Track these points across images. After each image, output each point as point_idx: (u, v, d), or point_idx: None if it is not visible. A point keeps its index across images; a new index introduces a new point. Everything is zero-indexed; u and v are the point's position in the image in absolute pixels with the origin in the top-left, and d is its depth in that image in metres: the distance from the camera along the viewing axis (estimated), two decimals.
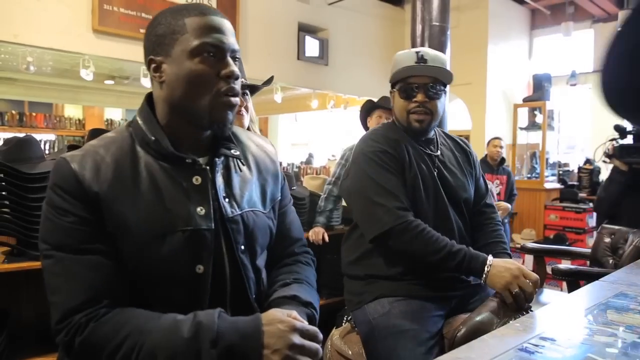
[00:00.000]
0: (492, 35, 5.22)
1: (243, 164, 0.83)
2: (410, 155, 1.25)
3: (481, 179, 1.41)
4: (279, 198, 0.89)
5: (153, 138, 0.73)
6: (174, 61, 0.72)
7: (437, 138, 1.35)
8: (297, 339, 0.66)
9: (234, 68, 0.73)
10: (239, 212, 0.78)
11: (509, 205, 2.88)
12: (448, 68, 1.27)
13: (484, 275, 1.14)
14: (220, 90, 0.72)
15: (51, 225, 0.70)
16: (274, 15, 4.55)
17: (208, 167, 0.77)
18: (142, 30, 4.36)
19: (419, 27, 3.40)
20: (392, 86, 1.31)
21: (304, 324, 0.69)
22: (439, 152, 1.32)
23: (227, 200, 0.78)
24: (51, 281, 0.69)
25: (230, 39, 0.74)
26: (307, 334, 0.68)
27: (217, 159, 0.78)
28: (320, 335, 0.71)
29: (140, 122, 0.76)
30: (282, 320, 0.67)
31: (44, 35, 3.30)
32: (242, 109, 1.33)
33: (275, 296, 0.81)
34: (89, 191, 0.69)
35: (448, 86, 1.30)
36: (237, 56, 0.76)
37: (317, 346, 0.69)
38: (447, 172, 1.30)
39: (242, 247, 0.78)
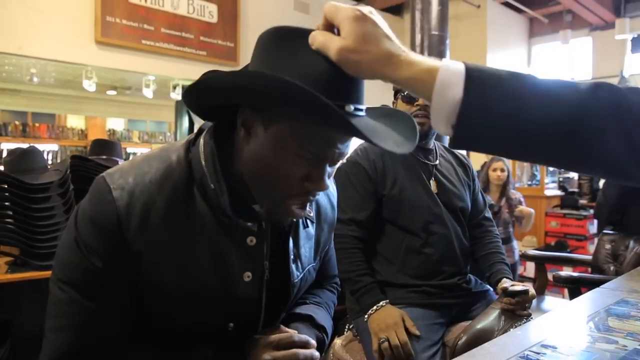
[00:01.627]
0: (490, 44, 5.26)
1: (312, 221, 0.74)
2: (397, 164, 1.27)
3: (480, 193, 1.43)
4: (328, 247, 0.83)
5: (212, 186, 0.60)
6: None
7: (436, 149, 1.38)
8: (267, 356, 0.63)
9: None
10: (301, 275, 0.72)
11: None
12: None
13: (367, 316, 1.17)
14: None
15: (74, 257, 0.59)
16: (274, 25, 4.59)
17: (263, 224, 0.66)
18: (144, 42, 4.41)
19: (418, 37, 3.43)
20: (395, 95, 1.33)
21: (281, 335, 0.65)
22: (437, 162, 1.34)
23: (294, 263, 0.69)
24: (52, 311, 0.61)
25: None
26: (282, 344, 0.64)
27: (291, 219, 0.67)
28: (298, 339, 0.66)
29: (202, 160, 0.61)
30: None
31: (48, 46, 3.35)
32: None
33: (291, 311, 0.77)
34: (131, 246, 0.58)
35: None
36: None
37: (294, 352, 0.65)
38: (445, 180, 1.32)
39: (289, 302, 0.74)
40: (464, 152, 1.50)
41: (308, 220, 0.73)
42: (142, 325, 0.63)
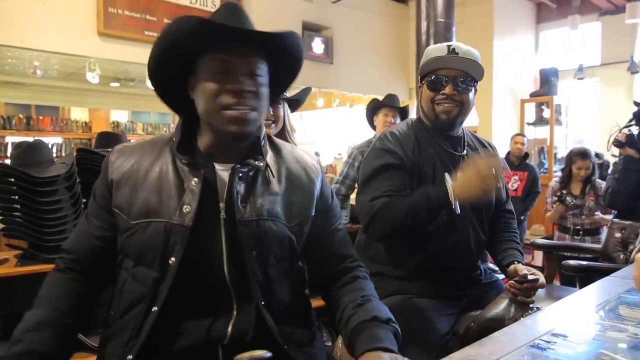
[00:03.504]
0: (497, 30, 5.18)
1: (273, 176, 0.86)
2: (429, 156, 1.21)
3: (503, 187, 1.37)
4: (312, 215, 0.89)
5: (175, 139, 0.83)
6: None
7: (464, 137, 1.30)
8: None
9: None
10: (254, 218, 0.81)
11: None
12: (480, 63, 1.22)
13: (451, 192, 1.09)
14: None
15: (93, 190, 0.88)
16: (278, 15, 4.55)
17: (219, 171, 0.83)
18: (147, 33, 4.37)
19: (424, 24, 3.38)
20: (421, 80, 1.25)
21: None
22: (465, 152, 1.27)
23: (243, 205, 0.81)
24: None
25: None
26: None
27: (238, 166, 0.82)
28: None
29: (178, 129, 0.86)
30: None
31: (50, 39, 3.33)
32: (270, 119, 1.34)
33: (356, 322, 0.81)
34: (108, 176, 0.84)
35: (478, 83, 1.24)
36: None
37: None
38: None
39: (254, 252, 0.80)
40: (490, 140, 1.45)
41: (269, 177, 0.85)
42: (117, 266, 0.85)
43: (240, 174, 0.82)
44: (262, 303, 0.81)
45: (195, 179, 0.80)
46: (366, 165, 1.24)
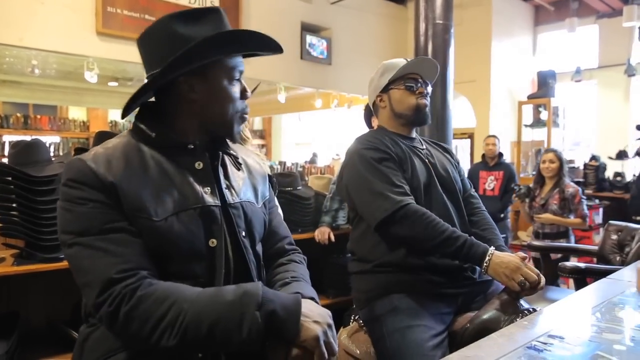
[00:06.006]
0: (495, 32, 5.19)
1: (240, 164, 0.92)
2: (404, 150, 1.31)
3: (464, 177, 1.48)
4: (268, 197, 0.98)
5: (154, 134, 0.81)
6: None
7: (419, 139, 1.43)
8: (330, 329, 0.74)
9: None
10: (239, 201, 0.87)
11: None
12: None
13: (485, 264, 1.14)
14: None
15: (71, 215, 0.73)
16: (276, 15, 4.55)
17: (207, 154, 0.85)
18: None
19: (422, 25, 3.38)
20: (385, 88, 1.38)
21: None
22: (424, 147, 1.40)
23: (227, 189, 0.86)
24: (80, 264, 0.72)
25: None
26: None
27: (219, 153, 0.87)
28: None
29: (141, 125, 0.83)
30: (319, 309, 0.75)
31: (49, 38, 3.32)
32: None
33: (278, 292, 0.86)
34: (105, 181, 0.74)
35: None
36: None
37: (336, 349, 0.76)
38: (437, 163, 1.36)
39: (244, 232, 0.85)
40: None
41: (236, 163, 0.91)
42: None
43: (218, 160, 0.87)
44: (256, 280, 0.85)
45: (199, 162, 0.83)
46: (353, 166, 1.29)
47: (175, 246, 0.76)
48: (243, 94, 0.85)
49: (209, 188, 0.82)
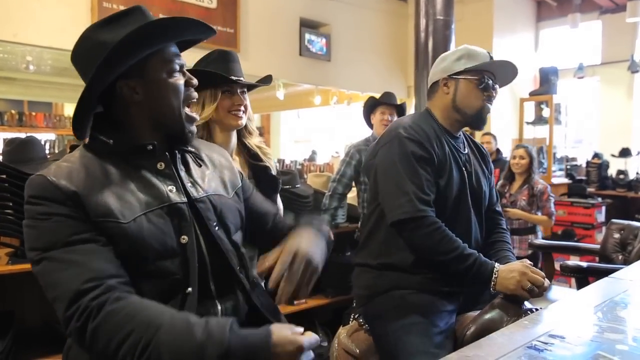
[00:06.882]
0: (497, 28, 5.16)
1: (201, 160, 0.92)
2: (446, 153, 1.25)
3: (494, 189, 1.42)
4: (240, 185, 0.98)
5: (111, 141, 0.81)
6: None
7: (463, 137, 1.36)
8: (303, 354, 0.70)
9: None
10: (205, 195, 0.87)
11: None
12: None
13: (493, 282, 1.14)
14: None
15: (35, 231, 0.74)
16: (275, 11, 4.52)
17: (167, 154, 0.85)
18: None
19: (422, 21, 3.36)
20: (456, 74, 1.27)
21: (310, 339, 0.71)
22: (466, 151, 1.33)
23: (190, 185, 0.86)
24: (48, 279, 0.71)
25: None
26: (312, 344, 0.72)
27: (176, 152, 0.87)
28: (319, 339, 0.74)
29: (98, 135, 0.83)
30: (291, 341, 0.69)
31: (44, 33, 3.29)
32: (241, 107, 1.32)
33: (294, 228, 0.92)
34: (67, 191, 0.74)
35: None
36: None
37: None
38: (473, 173, 1.31)
39: (215, 224, 0.86)
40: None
41: (197, 160, 0.91)
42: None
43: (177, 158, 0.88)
44: (237, 268, 0.86)
45: (160, 163, 0.83)
46: (390, 152, 1.23)
47: (147, 246, 0.76)
48: (188, 83, 0.85)
49: (173, 187, 0.83)
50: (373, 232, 1.29)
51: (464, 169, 1.28)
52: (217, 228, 0.85)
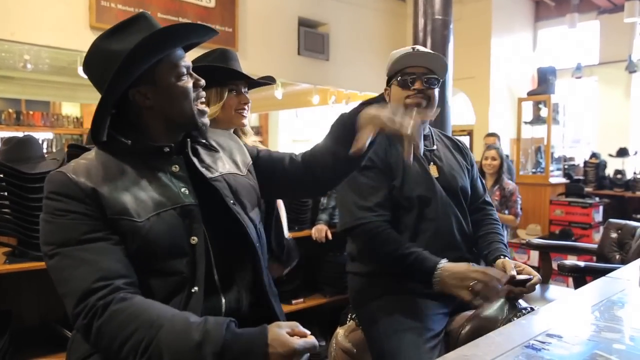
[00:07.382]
0: (495, 28, 5.17)
1: (211, 146, 0.95)
2: (396, 153, 1.26)
3: (479, 179, 1.43)
4: (251, 162, 1.01)
5: (129, 141, 0.84)
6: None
7: (432, 134, 1.38)
8: (298, 355, 0.71)
9: None
10: (218, 174, 0.91)
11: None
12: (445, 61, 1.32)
13: (435, 279, 1.09)
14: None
15: (51, 227, 0.77)
16: (273, 10, 4.52)
17: (182, 156, 0.89)
18: None
19: (421, 21, 3.36)
20: (388, 82, 1.33)
21: (305, 341, 0.72)
22: (434, 147, 1.35)
23: (204, 169, 0.89)
24: (60, 275, 0.75)
25: None
26: (307, 349, 0.72)
27: (188, 142, 0.90)
28: (316, 344, 0.74)
29: (116, 136, 0.85)
30: (284, 343, 0.70)
31: (41, 32, 3.29)
32: (246, 106, 1.32)
33: None
34: (86, 188, 0.78)
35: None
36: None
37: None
38: (443, 165, 1.32)
39: (232, 201, 0.89)
40: (461, 138, 1.51)
41: (207, 147, 0.94)
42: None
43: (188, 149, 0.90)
44: (253, 239, 0.89)
45: (175, 165, 0.87)
46: None
47: (159, 245, 0.79)
48: (196, 84, 0.88)
49: (186, 189, 0.85)
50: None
51: (431, 163, 1.29)
52: (233, 203, 0.88)
